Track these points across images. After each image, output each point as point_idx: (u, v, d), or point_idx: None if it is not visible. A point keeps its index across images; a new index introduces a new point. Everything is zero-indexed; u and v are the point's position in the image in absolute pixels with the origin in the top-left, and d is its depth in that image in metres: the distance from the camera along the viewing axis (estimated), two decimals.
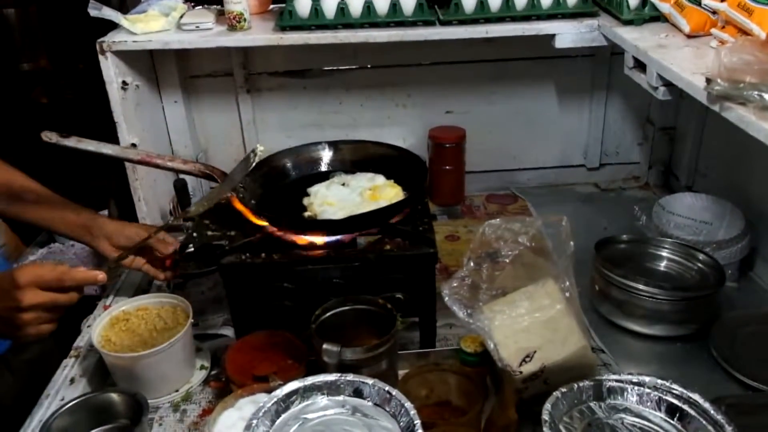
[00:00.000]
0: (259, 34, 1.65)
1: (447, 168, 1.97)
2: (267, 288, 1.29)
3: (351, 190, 1.42)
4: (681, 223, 1.65)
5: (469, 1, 1.60)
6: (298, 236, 1.29)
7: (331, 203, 1.38)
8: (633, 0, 1.51)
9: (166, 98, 1.95)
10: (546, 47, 1.65)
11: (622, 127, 2.10)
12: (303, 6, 1.59)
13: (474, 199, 2.06)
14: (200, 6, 1.80)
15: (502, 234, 1.18)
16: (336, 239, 1.29)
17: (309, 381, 0.95)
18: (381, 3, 1.59)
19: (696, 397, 0.94)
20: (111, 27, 1.70)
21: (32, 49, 2.99)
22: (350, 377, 0.96)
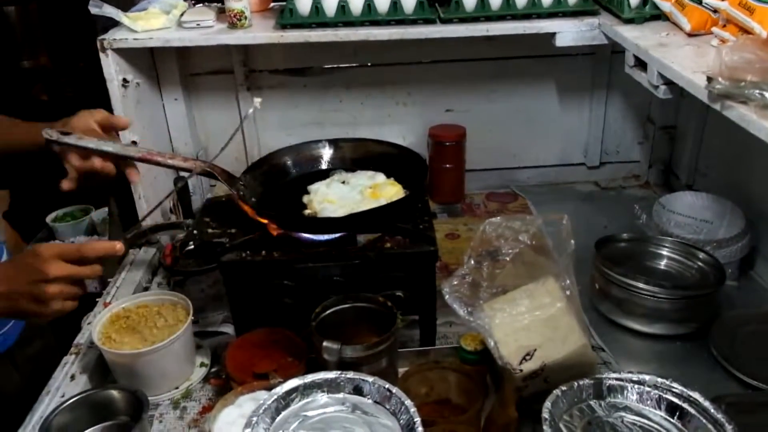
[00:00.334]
0: (260, 32, 1.64)
1: (447, 166, 1.97)
2: (267, 285, 1.29)
3: (351, 188, 1.42)
4: (681, 222, 1.65)
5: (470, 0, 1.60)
6: (299, 234, 1.29)
7: (332, 201, 1.38)
8: None
9: (167, 96, 1.95)
10: (546, 46, 1.65)
11: (623, 126, 2.10)
12: (303, 4, 1.59)
13: (474, 198, 2.06)
14: (201, 4, 1.80)
15: (503, 232, 1.19)
16: (336, 237, 1.29)
17: (309, 378, 0.95)
18: (381, 1, 1.59)
19: (696, 396, 0.94)
20: (112, 25, 1.70)
21: (32, 47, 2.99)
22: (350, 375, 0.96)
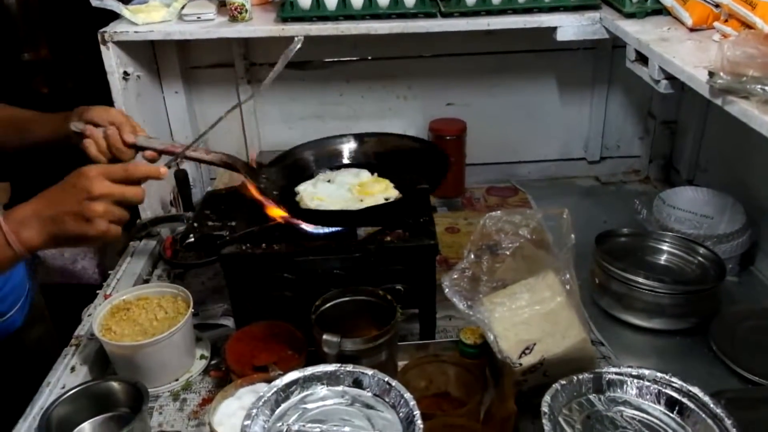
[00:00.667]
0: (261, 26, 1.64)
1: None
2: (267, 278, 1.29)
3: (338, 186, 1.41)
4: (682, 217, 1.66)
5: None
6: (307, 228, 1.30)
7: (321, 198, 1.37)
8: None
9: (167, 89, 1.95)
10: (547, 40, 1.65)
11: (624, 121, 2.10)
12: None
13: (474, 192, 2.06)
14: None
15: (503, 226, 1.19)
16: (337, 230, 1.29)
17: (309, 371, 0.95)
18: None
19: (695, 391, 0.94)
20: (112, 17, 1.69)
21: (33, 39, 2.98)
22: (350, 368, 0.96)
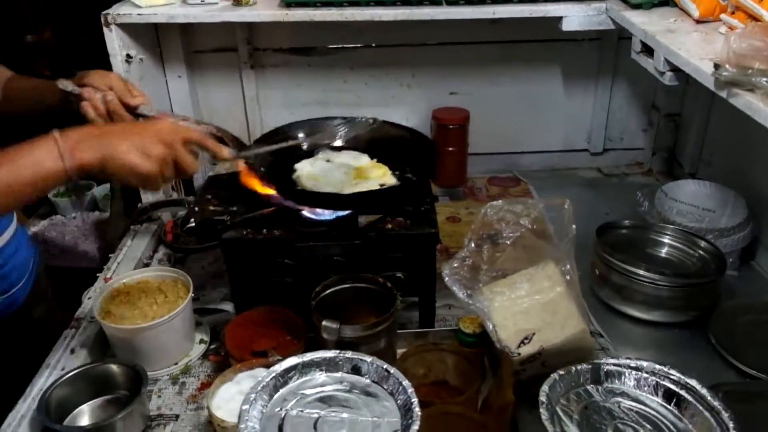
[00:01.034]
0: (264, 10, 1.63)
1: (450, 149, 1.96)
2: (267, 264, 1.29)
3: (335, 167, 1.40)
4: (683, 210, 1.65)
5: None
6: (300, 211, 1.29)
7: (317, 178, 1.37)
8: None
9: (170, 73, 1.94)
10: (553, 30, 1.64)
11: (627, 113, 2.09)
12: None
13: (476, 182, 2.06)
14: None
15: (504, 216, 1.18)
16: (337, 216, 1.29)
17: (308, 357, 0.96)
18: None
19: (693, 383, 0.94)
20: (116, 0, 1.69)
21: (36, 22, 2.97)
22: (349, 354, 0.96)
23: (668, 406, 0.94)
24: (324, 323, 1.11)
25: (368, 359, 0.94)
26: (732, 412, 0.88)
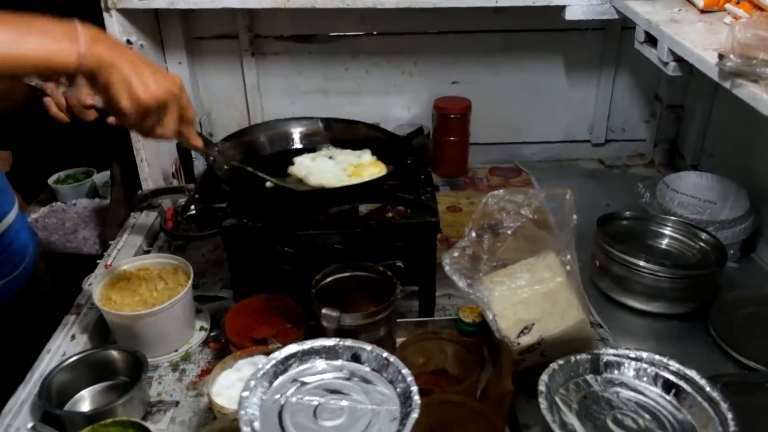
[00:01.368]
0: None
1: (451, 139, 1.96)
2: (267, 252, 1.28)
3: (336, 164, 1.39)
4: (685, 202, 1.65)
5: None
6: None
7: (313, 173, 1.36)
8: None
9: (171, 59, 1.93)
10: (556, 19, 1.63)
11: (630, 104, 2.09)
12: None
13: (477, 172, 2.05)
14: None
15: (505, 205, 1.18)
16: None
17: (307, 345, 0.95)
18: None
19: (692, 374, 0.94)
20: None
21: (36, 10, 2.97)
22: (349, 342, 0.95)
23: (667, 397, 0.94)
24: (324, 311, 1.11)
25: (368, 347, 0.94)
26: (731, 403, 0.88)
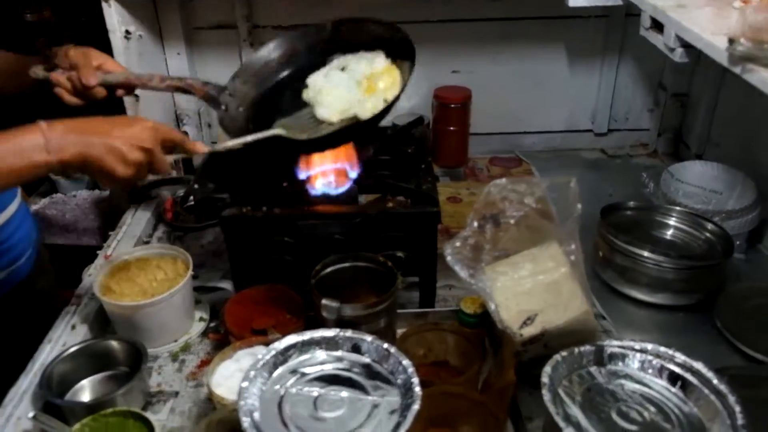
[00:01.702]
0: None
1: (451, 129, 1.94)
2: (267, 242, 1.27)
3: (349, 77, 1.30)
4: (690, 192, 1.63)
5: None
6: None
7: (328, 93, 1.27)
8: None
9: (169, 50, 1.92)
10: (558, 6, 1.60)
11: (633, 92, 2.07)
12: None
13: (477, 162, 2.04)
14: None
15: (508, 195, 1.16)
16: (337, 195, 1.28)
17: (307, 335, 0.94)
18: None
19: (699, 366, 0.92)
20: None
21: (36, 0, 2.95)
22: (349, 333, 0.94)
23: (673, 389, 0.92)
24: (324, 302, 1.10)
25: (368, 338, 0.93)
26: (738, 396, 0.87)
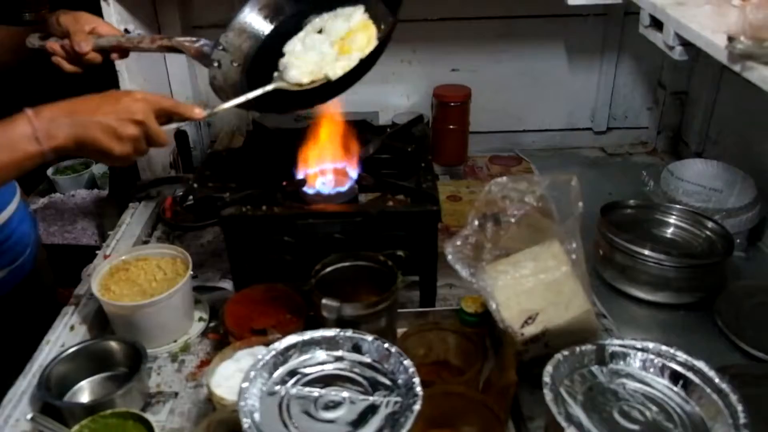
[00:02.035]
0: None
1: (451, 127, 1.94)
2: (267, 241, 1.27)
3: (325, 38, 1.26)
4: (690, 190, 1.63)
5: None
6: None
7: (299, 58, 1.23)
8: None
9: None
10: (557, 5, 1.59)
11: (632, 91, 2.07)
12: None
13: (477, 160, 2.03)
14: None
15: (508, 193, 1.16)
16: (336, 193, 1.28)
17: (307, 335, 0.94)
18: None
19: (701, 365, 0.92)
20: None
21: (35, 0, 2.94)
22: (349, 333, 0.94)
23: (675, 388, 0.92)
24: (324, 301, 1.09)
25: (369, 338, 0.93)
26: (740, 395, 0.87)
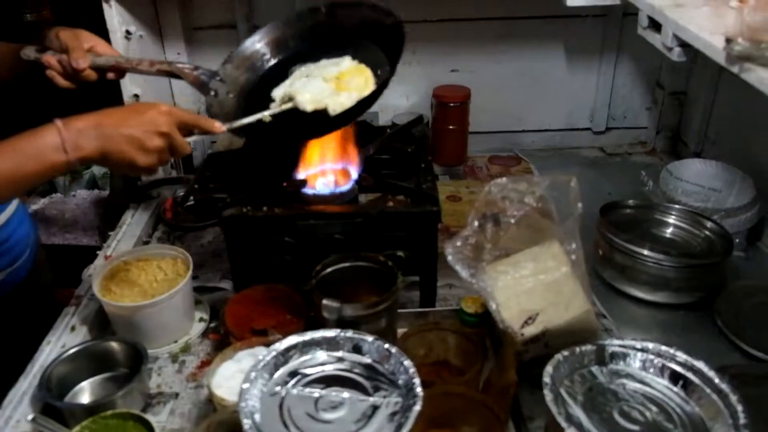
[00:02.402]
0: None
1: (450, 128, 1.94)
2: (267, 242, 1.27)
3: (318, 76, 1.27)
4: (689, 190, 1.63)
5: None
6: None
7: (293, 95, 1.23)
8: None
9: (169, 50, 1.92)
10: (556, 6, 1.60)
11: (631, 91, 2.07)
12: None
13: (476, 160, 2.04)
14: None
15: (508, 194, 1.16)
16: (338, 193, 1.28)
17: (308, 336, 0.94)
18: None
19: (700, 365, 0.92)
20: None
21: (36, 0, 2.94)
22: (350, 333, 0.94)
23: (674, 389, 0.92)
24: (324, 302, 1.10)
25: (369, 338, 0.93)
26: (740, 395, 0.87)
